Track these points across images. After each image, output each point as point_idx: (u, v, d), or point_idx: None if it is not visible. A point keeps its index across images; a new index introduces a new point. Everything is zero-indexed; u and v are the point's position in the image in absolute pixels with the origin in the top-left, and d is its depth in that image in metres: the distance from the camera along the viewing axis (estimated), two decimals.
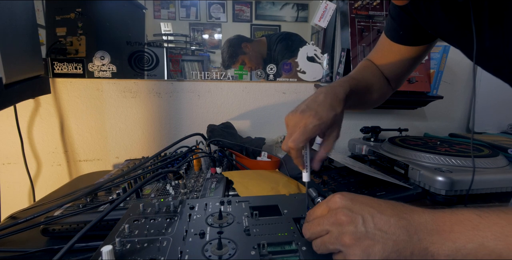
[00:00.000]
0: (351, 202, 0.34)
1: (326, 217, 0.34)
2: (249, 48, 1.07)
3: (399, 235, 0.30)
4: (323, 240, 0.33)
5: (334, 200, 0.35)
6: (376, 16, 1.02)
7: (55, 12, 0.96)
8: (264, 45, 1.08)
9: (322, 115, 0.43)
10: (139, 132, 1.07)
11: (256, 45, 1.08)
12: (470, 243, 0.28)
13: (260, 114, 1.12)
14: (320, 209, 0.36)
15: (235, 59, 1.07)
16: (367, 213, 0.32)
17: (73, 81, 1.01)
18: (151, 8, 1.01)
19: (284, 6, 1.07)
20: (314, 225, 0.35)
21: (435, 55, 1.05)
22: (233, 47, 1.06)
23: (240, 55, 1.07)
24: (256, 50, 1.08)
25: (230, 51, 1.06)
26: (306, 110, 0.44)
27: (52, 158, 1.03)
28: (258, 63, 1.08)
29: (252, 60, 1.08)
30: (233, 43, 1.06)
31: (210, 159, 0.76)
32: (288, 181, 0.71)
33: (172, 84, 1.06)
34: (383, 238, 0.30)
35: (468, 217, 0.29)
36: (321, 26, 1.08)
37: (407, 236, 0.30)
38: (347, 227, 0.31)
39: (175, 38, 1.04)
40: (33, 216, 0.49)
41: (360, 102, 0.58)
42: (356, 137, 1.11)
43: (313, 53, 1.10)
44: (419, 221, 0.31)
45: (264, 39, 1.08)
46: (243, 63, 1.08)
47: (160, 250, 0.35)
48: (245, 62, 1.08)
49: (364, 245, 0.30)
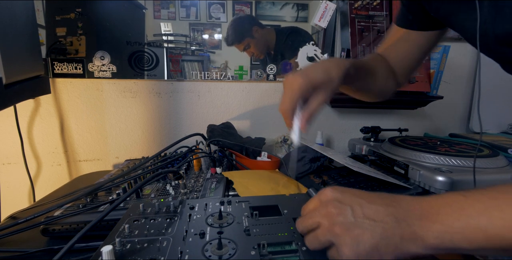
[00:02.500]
0: (341, 194, 0.34)
1: (318, 209, 0.35)
2: (259, 34, 1.04)
3: (387, 222, 0.30)
4: (315, 233, 0.33)
5: (325, 193, 0.36)
6: (376, 16, 1.02)
7: (55, 12, 0.96)
8: (273, 36, 1.06)
9: (311, 75, 0.43)
10: (139, 132, 1.07)
11: (266, 33, 1.06)
12: (456, 222, 0.28)
13: (260, 114, 1.12)
14: (312, 203, 0.37)
15: (241, 39, 1.03)
16: (356, 204, 0.32)
17: (73, 81, 1.01)
18: (151, 8, 1.01)
19: (284, 6, 1.07)
20: (306, 218, 0.35)
21: (435, 55, 1.05)
22: (243, 26, 1.02)
23: (247, 37, 1.04)
24: (265, 38, 1.05)
25: (239, 28, 1.01)
26: (299, 71, 0.45)
27: (52, 158, 1.03)
28: (262, 52, 1.06)
29: (257, 47, 1.05)
30: (244, 21, 1.02)
31: (210, 159, 0.76)
32: (288, 181, 0.71)
33: (172, 84, 1.06)
34: (372, 226, 0.30)
35: (454, 199, 0.30)
36: (321, 26, 1.08)
37: (395, 222, 0.30)
38: (337, 218, 0.32)
39: (175, 38, 1.04)
40: (33, 216, 0.49)
41: (362, 85, 0.57)
42: (356, 137, 1.11)
43: (313, 53, 1.10)
44: (407, 208, 0.31)
45: (273, 30, 1.06)
46: (247, 46, 1.04)
47: (160, 250, 0.35)
48: (250, 46, 1.04)
49: (354, 234, 0.30)
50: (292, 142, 0.44)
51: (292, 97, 0.43)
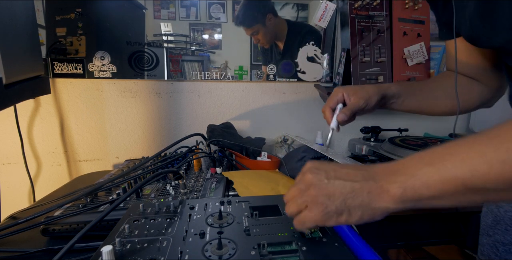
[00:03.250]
0: (319, 163, 0.37)
1: (299, 180, 0.37)
2: (271, 22, 1.00)
3: (356, 181, 0.33)
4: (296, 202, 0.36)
5: (306, 165, 0.38)
6: (376, 16, 1.02)
7: (55, 12, 0.96)
8: (285, 28, 1.03)
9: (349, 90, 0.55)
10: (139, 132, 1.07)
11: (279, 23, 1.03)
12: (418, 171, 0.31)
13: (260, 114, 1.12)
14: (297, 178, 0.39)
15: (252, 24, 0.99)
16: (330, 169, 0.36)
17: (73, 81, 1.01)
18: (151, 8, 1.01)
19: (284, 6, 1.07)
20: (291, 191, 0.37)
21: (435, 55, 1.05)
22: (257, 10, 0.97)
23: (258, 24, 1.01)
24: (276, 28, 1.02)
25: (252, 12, 0.96)
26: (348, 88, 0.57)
27: (52, 158, 1.03)
28: (270, 41, 1.03)
29: (266, 36, 1.01)
30: (259, 5, 0.98)
31: (210, 159, 0.76)
32: (288, 181, 0.71)
33: (172, 84, 1.06)
34: (341, 184, 0.33)
35: (418, 154, 0.33)
36: (321, 26, 1.08)
37: (363, 180, 0.33)
38: (313, 181, 0.35)
39: (175, 38, 1.04)
40: (33, 216, 0.49)
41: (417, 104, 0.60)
42: (356, 137, 1.11)
43: (313, 53, 1.10)
44: (376, 169, 0.34)
45: (286, 22, 1.03)
46: (255, 32, 1.00)
47: (160, 250, 0.35)
48: (258, 32, 1.00)
49: (325, 192, 0.34)
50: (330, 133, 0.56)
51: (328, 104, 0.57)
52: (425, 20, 1.03)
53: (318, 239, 0.37)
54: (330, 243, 0.37)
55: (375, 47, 1.01)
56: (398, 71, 1.02)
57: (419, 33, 1.02)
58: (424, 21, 1.03)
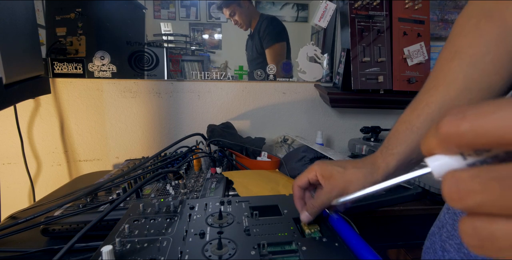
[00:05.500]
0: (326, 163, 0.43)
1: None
2: (246, 5, 1.05)
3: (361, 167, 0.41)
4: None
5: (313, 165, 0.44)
6: (376, 16, 1.02)
7: (55, 12, 0.96)
8: (257, 16, 1.07)
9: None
10: (139, 132, 1.07)
11: (253, 10, 1.06)
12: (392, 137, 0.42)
13: (260, 114, 1.12)
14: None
15: (229, 3, 1.03)
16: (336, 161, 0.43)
17: (73, 81, 1.01)
18: (151, 8, 1.01)
19: (284, 6, 1.07)
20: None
21: (435, 55, 1.05)
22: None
23: (234, 4, 1.04)
24: (250, 12, 1.06)
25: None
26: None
27: (52, 158, 1.03)
28: (247, 23, 1.06)
29: (242, 17, 1.05)
30: None
31: (210, 159, 0.76)
32: (288, 181, 0.71)
33: (172, 84, 1.06)
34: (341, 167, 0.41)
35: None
36: (321, 26, 1.08)
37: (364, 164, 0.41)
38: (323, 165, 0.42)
39: (175, 38, 1.04)
40: (33, 216, 0.49)
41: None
42: (356, 137, 1.11)
43: (313, 53, 1.10)
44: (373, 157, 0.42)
45: (259, 12, 1.07)
46: (233, 13, 1.04)
47: (160, 250, 0.35)
48: (235, 13, 1.05)
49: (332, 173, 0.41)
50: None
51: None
52: (425, 20, 1.03)
53: (318, 239, 0.37)
54: (330, 243, 0.37)
55: (375, 47, 1.01)
56: (398, 71, 1.02)
57: (419, 33, 1.02)
58: (424, 21, 1.03)
